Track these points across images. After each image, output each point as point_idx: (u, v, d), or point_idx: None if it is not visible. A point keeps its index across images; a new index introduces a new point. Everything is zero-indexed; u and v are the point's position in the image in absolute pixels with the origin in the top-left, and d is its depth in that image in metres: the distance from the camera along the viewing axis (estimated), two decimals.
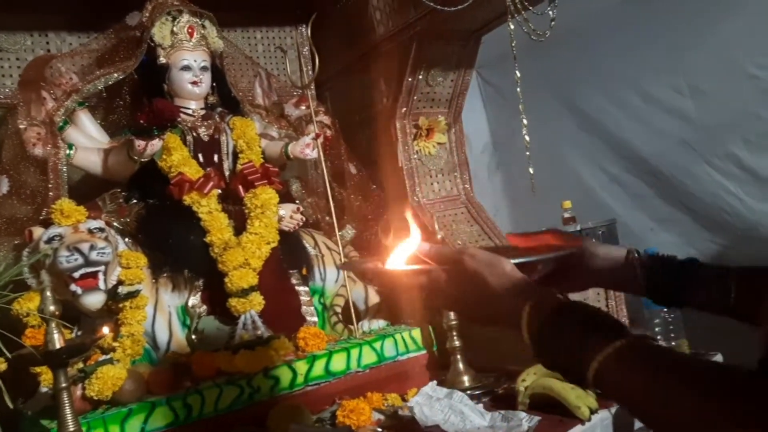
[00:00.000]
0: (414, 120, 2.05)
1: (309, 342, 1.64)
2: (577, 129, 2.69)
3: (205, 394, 1.45)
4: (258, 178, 1.75)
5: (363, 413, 1.50)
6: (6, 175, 1.58)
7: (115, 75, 1.74)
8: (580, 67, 2.65)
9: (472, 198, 2.12)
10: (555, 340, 0.70)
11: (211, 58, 1.89)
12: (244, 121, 1.87)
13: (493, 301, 0.77)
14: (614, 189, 2.59)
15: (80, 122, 1.75)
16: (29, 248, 1.44)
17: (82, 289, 1.40)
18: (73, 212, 1.46)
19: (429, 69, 1.99)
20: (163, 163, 1.69)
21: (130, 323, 1.49)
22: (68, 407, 1.15)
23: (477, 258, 0.79)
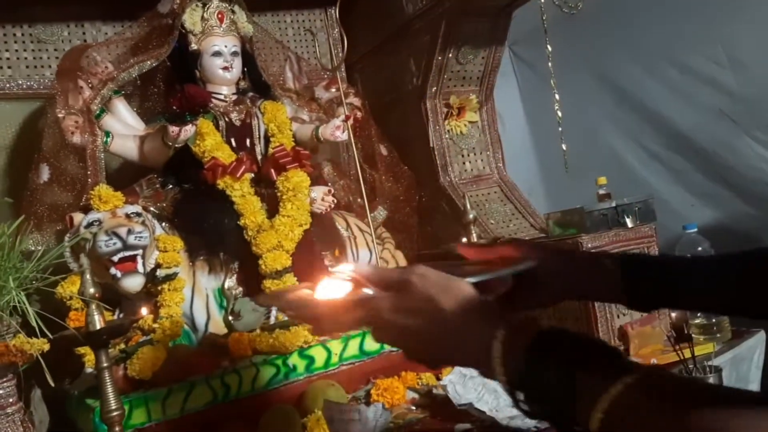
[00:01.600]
0: (445, 99, 2.04)
1: None
2: (612, 104, 2.63)
3: (243, 374, 1.48)
4: (289, 162, 1.76)
5: (397, 392, 1.51)
6: (47, 164, 1.63)
7: (148, 62, 1.77)
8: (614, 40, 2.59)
9: (505, 177, 2.10)
10: (541, 382, 0.57)
11: (242, 43, 1.91)
12: (275, 105, 1.89)
13: (451, 334, 0.63)
14: (652, 164, 2.53)
15: (116, 110, 1.79)
16: (70, 233, 1.48)
17: (121, 272, 1.45)
18: (111, 198, 1.50)
19: (459, 47, 1.97)
20: (196, 149, 1.71)
21: (168, 305, 1.53)
22: (110, 386, 1.18)
23: (429, 279, 0.65)
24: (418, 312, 0.64)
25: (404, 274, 0.66)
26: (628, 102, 2.60)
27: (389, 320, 0.65)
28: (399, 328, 0.65)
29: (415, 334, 0.65)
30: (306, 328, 1.53)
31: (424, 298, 0.64)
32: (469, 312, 0.63)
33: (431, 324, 0.63)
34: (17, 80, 1.90)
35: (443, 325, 0.63)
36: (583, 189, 2.31)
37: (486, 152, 2.10)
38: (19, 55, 1.92)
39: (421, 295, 0.64)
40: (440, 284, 0.64)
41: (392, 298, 0.65)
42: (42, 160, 1.63)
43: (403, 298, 0.65)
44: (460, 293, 0.64)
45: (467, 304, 0.63)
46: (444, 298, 0.63)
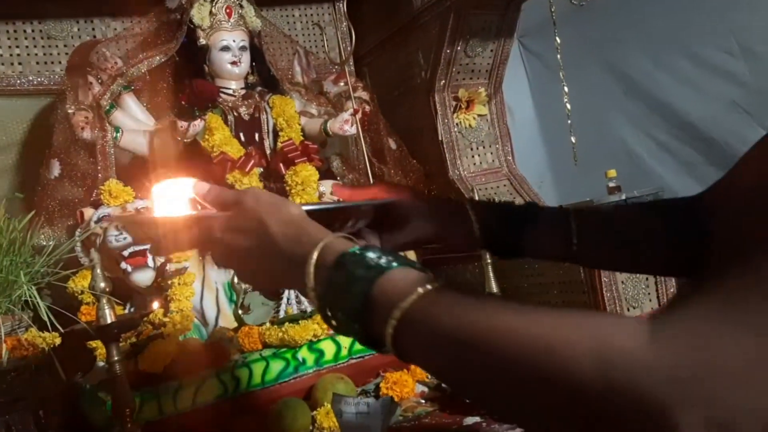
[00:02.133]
0: (453, 92, 2.03)
1: None
2: (622, 95, 2.62)
3: (253, 367, 1.48)
4: (298, 156, 1.77)
5: (406, 385, 1.51)
6: (57, 159, 1.64)
7: (157, 58, 1.78)
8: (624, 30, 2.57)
9: (514, 170, 2.09)
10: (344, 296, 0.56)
11: (250, 37, 1.91)
12: (283, 100, 1.89)
13: (275, 254, 0.63)
14: (663, 156, 2.52)
15: (126, 105, 1.79)
16: (81, 228, 1.50)
17: (131, 266, 1.46)
18: (121, 193, 1.51)
19: (467, 39, 1.96)
20: (205, 143, 1.72)
21: (179, 299, 1.54)
22: (122, 379, 1.19)
23: (261, 200, 0.65)
24: (246, 231, 0.64)
25: (239, 194, 0.67)
26: (638, 93, 2.59)
27: (220, 239, 0.65)
28: (230, 248, 0.65)
29: (244, 254, 0.65)
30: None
31: (254, 218, 0.63)
32: (292, 232, 0.62)
33: (258, 244, 0.63)
34: (28, 76, 1.91)
35: (269, 246, 0.63)
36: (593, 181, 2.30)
37: (495, 145, 2.09)
38: (30, 51, 1.92)
39: (251, 214, 0.64)
40: (271, 205, 0.64)
41: (224, 217, 0.65)
42: (53, 156, 1.64)
43: (235, 217, 0.65)
44: (288, 215, 0.64)
45: (293, 227, 0.63)
46: (272, 219, 0.63)
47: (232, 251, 0.65)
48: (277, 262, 0.63)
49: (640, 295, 1.60)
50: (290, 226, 0.63)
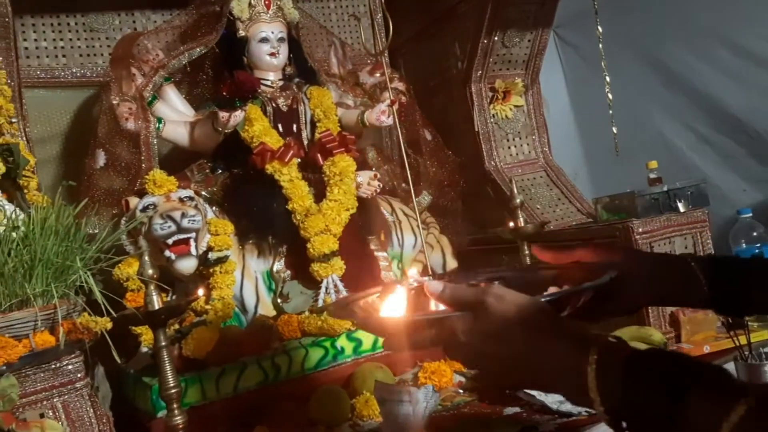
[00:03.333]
0: (490, 83, 2.02)
1: None
2: (661, 86, 2.56)
3: (292, 355, 1.50)
4: (336, 146, 1.78)
5: (445, 375, 1.52)
6: (103, 149, 1.67)
7: (197, 50, 1.80)
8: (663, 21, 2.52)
9: (551, 161, 2.08)
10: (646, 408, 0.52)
11: (288, 29, 1.92)
12: (320, 91, 1.90)
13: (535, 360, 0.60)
14: (702, 148, 2.46)
15: (167, 97, 1.82)
16: (126, 217, 1.53)
17: (175, 254, 1.49)
18: (165, 182, 1.53)
19: (505, 30, 1.95)
20: (245, 134, 1.74)
21: (220, 287, 1.57)
22: (168, 364, 1.22)
23: (505, 301, 0.61)
24: (496, 337, 0.61)
25: (479, 294, 0.63)
26: (676, 84, 2.54)
27: (465, 343, 0.62)
28: (476, 351, 0.63)
29: (493, 358, 0.62)
30: None
31: (502, 322, 0.61)
32: (554, 337, 0.59)
33: (511, 350, 0.60)
34: (71, 68, 1.95)
35: (526, 352, 0.60)
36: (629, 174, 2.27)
37: (532, 136, 2.08)
38: (73, 43, 1.96)
39: (498, 318, 0.61)
40: (518, 306, 0.61)
41: (468, 319, 0.62)
42: (98, 146, 1.67)
43: (480, 320, 0.62)
44: (540, 315, 0.61)
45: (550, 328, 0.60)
46: (523, 322, 0.60)
47: (479, 355, 0.63)
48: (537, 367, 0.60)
49: None
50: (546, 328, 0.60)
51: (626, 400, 0.53)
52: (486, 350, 0.62)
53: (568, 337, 0.59)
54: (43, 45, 1.92)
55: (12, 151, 1.11)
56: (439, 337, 0.64)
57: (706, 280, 0.78)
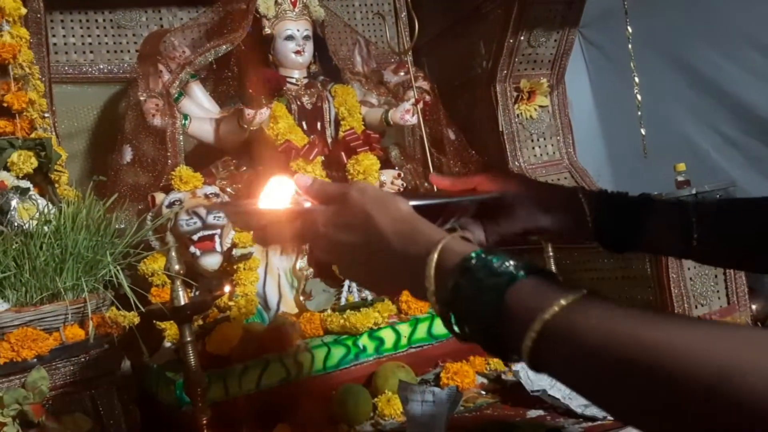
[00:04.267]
0: (515, 83, 2.01)
1: (411, 305, 1.66)
2: (687, 88, 2.54)
3: (315, 353, 1.50)
4: (360, 145, 1.78)
5: (467, 376, 1.51)
6: (129, 145, 1.69)
7: (224, 47, 1.80)
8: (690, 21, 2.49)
9: (575, 162, 2.06)
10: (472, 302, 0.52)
11: (313, 27, 1.93)
12: (345, 89, 1.90)
13: (384, 252, 0.60)
14: (729, 151, 2.43)
15: (193, 93, 1.83)
16: (152, 212, 1.54)
17: (200, 250, 1.49)
18: (191, 178, 1.54)
19: (531, 29, 1.93)
20: (270, 131, 1.75)
21: (244, 284, 1.58)
22: (193, 359, 1.22)
23: (367, 194, 0.62)
24: (352, 227, 0.61)
25: (343, 187, 0.64)
26: (703, 86, 2.51)
27: (324, 234, 0.63)
28: (334, 243, 0.63)
29: (349, 250, 0.62)
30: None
31: (360, 213, 0.61)
32: (404, 230, 0.59)
33: (365, 241, 0.61)
34: (98, 64, 1.97)
35: (378, 243, 0.60)
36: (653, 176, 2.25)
37: (556, 137, 2.06)
38: (101, 40, 1.98)
39: (357, 209, 0.61)
40: (378, 199, 0.61)
41: (329, 211, 0.63)
42: (125, 142, 1.69)
43: (340, 212, 0.63)
44: (398, 210, 0.61)
45: (404, 224, 0.60)
46: (381, 214, 0.60)
47: (336, 246, 0.63)
48: (388, 260, 0.60)
49: (708, 293, 1.56)
50: (401, 222, 0.60)
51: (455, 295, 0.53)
52: (342, 241, 0.62)
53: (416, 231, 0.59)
54: (71, 41, 1.94)
55: (44, 146, 1.12)
56: (303, 228, 0.65)
57: (591, 212, 0.78)
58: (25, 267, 0.96)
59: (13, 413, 0.89)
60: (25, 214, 1.05)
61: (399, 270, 0.60)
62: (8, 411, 0.89)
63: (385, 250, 0.60)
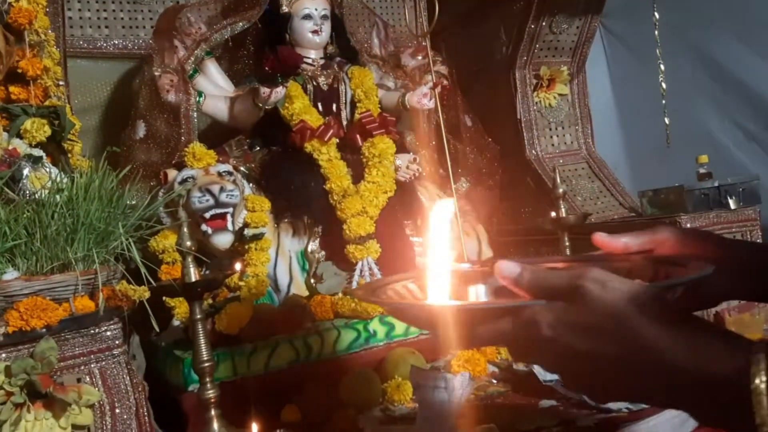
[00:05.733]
0: (535, 70, 1.98)
1: None
2: (709, 80, 2.48)
3: (325, 336, 1.49)
4: (376, 128, 1.75)
5: (478, 364, 1.49)
6: (143, 120, 1.67)
7: (240, 24, 1.78)
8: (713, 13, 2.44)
9: (593, 153, 2.03)
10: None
11: (331, 6, 1.90)
12: (362, 71, 1.88)
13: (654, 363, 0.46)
14: (751, 147, 2.38)
15: (208, 71, 1.81)
16: (165, 189, 1.52)
17: (212, 229, 1.48)
18: (204, 156, 1.52)
19: (553, 15, 1.89)
20: (285, 111, 1.72)
21: (255, 264, 1.56)
22: (203, 337, 1.20)
23: (610, 287, 0.48)
24: (598, 330, 0.48)
25: (574, 279, 0.50)
26: (726, 79, 2.45)
27: (550, 338, 0.50)
28: (566, 350, 0.50)
29: (593, 359, 0.49)
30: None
31: (609, 313, 0.48)
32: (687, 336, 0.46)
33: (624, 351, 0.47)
34: (113, 40, 1.95)
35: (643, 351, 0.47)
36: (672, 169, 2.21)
37: (575, 126, 2.03)
38: (116, 15, 1.96)
39: (603, 307, 0.48)
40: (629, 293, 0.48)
41: (557, 309, 0.50)
42: (138, 117, 1.67)
43: (575, 310, 0.49)
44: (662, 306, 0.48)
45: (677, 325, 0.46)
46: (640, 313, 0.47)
47: (573, 356, 0.50)
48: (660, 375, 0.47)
49: None
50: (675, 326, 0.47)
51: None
52: (582, 348, 0.49)
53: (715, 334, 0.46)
54: (86, 15, 1.92)
55: (58, 114, 1.10)
56: (513, 330, 0.51)
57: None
58: (36, 236, 0.94)
59: (21, 383, 0.88)
60: (37, 183, 1.03)
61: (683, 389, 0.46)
62: (16, 380, 0.87)
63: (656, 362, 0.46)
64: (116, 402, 0.97)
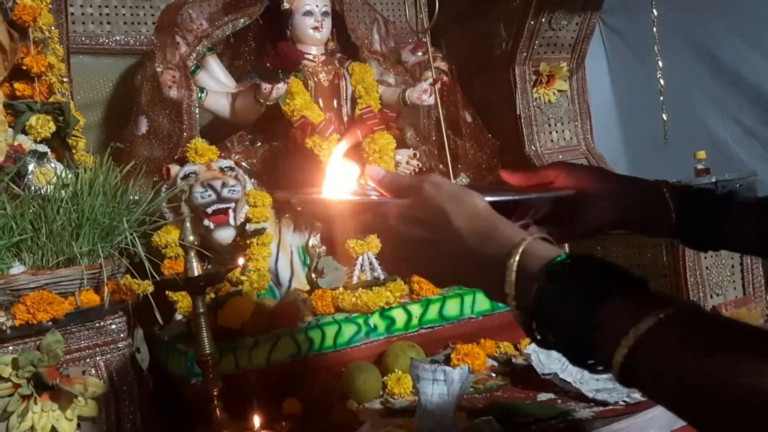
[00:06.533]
0: (534, 66, 1.99)
1: (423, 286, 1.65)
2: (707, 76, 2.49)
3: (326, 330, 1.50)
4: (376, 123, 1.77)
5: (478, 357, 1.51)
6: (145, 116, 1.68)
7: (242, 20, 1.79)
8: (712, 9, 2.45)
9: (593, 149, 2.04)
10: (558, 311, 0.51)
11: (332, 3, 1.90)
12: (362, 67, 1.89)
13: (460, 251, 0.57)
14: (749, 143, 2.39)
15: (210, 67, 1.82)
16: (167, 184, 1.53)
17: (214, 224, 1.49)
18: (207, 151, 1.54)
19: (553, 11, 1.90)
20: (286, 107, 1.73)
21: (256, 259, 1.57)
22: (205, 331, 1.22)
23: (442, 189, 0.59)
24: (425, 223, 0.59)
25: (417, 180, 0.62)
26: (724, 75, 2.47)
27: (395, 227, 0.61)
28: (405, 238, 0.61)
29: (421, 246, 0.60)
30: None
31: (435, 208, 0.58)
32: (481, 228, 0.57)
33: (439, 238, 0.58)
34: (115, 36, 1.95)
35: (452, 241, 0.57)
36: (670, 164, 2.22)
37: (574, 122, 2.04)
38: (118, 11, 1.96)
39: (431, 204, 0.59)
40: (454, 195, 0.59)
41: (400, 204, 0.61)
42: (141, 113, 1.68)
43: (412, 205, 0.60)
44: (474, 207, 0.58)
45: (481, 221, 0.57)
46: (456, 211, 0.58)
47: (407, 241, 0.61)
48: (462, 258, 0.58)
49: (724, 282, 1.55)
50: (477, 219, 0.57)
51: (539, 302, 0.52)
52: (413, 236, 0.59)
53: (496, 230, 0.56)
54: (88, 11, 1.92)
55: (63, 110, 1.12)
56: (373, 221, 0.63)
57: (675, 208, 0.75)
58: (41, 230, 0.96)
59: (28, 375, 0.89)
60: (42, 179, 1.05)
61: (474, 270, 0.57)
62: (23, 372, 0.89)
63: (460, 248, 0.57)
64: (121, 394, 0.98)
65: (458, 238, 0.57)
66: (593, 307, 0.49)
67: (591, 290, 0.50)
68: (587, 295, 0.49)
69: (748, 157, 2.39)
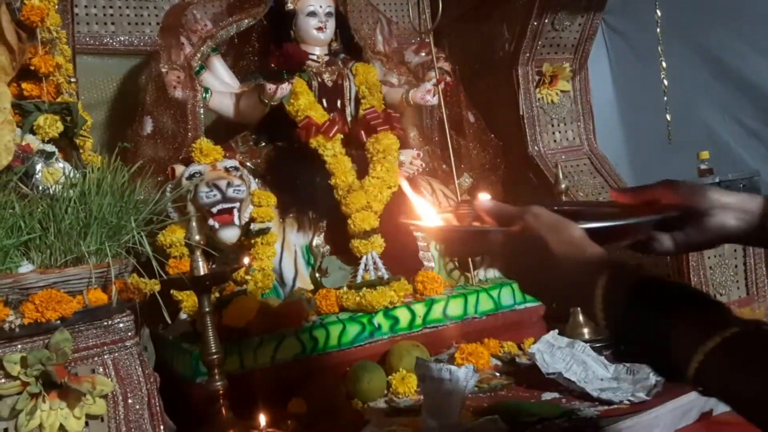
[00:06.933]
0: (537, 66, 1.99)
1: (427, 286, 1.66)
2: (710, 77, 2.49)
3: (330, 329, 1.50)
4: (380, 124, 1.77)
5: (482, 357, 1.51)
6: (150, 116, 1.68)
7: (246, 21, 1.80)
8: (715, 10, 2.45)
9: (595, 149, 2.04)
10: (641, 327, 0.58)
11: (336, 4, 1.91)
12: (366, 67, 1.89)
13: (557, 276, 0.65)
14: (752, 143, 2.40)
15: (214, 67, 1.83)
16: (172, 184, 1.54)
17: (219, 223, 1.50)
18: (211, 151, 1.54)
19: (556, 12, 1.91)
20: (290, 107, 1.74)
21: (261, 258, 1.58)
22: (211, 330, 1.23)
23: (540, 219, 0.66)
24: (528, 252, 0.67)
25: (519, 211, 0.68)
26: (727, 76, 2.47)
27: (502, 254, 0.69)
28: (512, 263, 0.70)
29: (525, 270, 0.69)
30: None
31: (534, 237, 0.66)
32: (574, 255, 0.64)
33: (539, 264, 0.66)
34: (119, 36, 1.96)
35: (550, 267, 0.65)
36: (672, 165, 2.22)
37: (577, 123, 2.05)
38: (122, 12, 1.97)
39: (531, 233, 0.66)
40: (550, 225, 0.66)
41: (505, 233, 0.68)
42: (146, 113, 1.69)
43: (516, 235, 0.67)
44: (569, 236, 0.65)
45: (573, 248, 0.64)
46: (553, 240, 0.65)
47: (513, 266, 0.70)
48: (559, 282, 0.66)
49: (728, 282, 1.55)
50: (570, 246, 0.65)
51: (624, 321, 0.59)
52: (518, 262, 0.69)
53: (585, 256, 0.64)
54: (93, 12, 1.93)
55: (70, 110, 1.12)
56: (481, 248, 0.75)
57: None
58: (50, 230, 0.96)
59: (37, 373, 0.90)
60: (50, 178, 1.05)
61: (570, 292, 0.66)
62: (32, 371, 0.89)
63: (557, 273, 0.65)
64: (129, 392, 0.98)
65: (554, 265, 0.65)
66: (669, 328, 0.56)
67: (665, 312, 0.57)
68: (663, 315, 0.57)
69: (751, 157, 2.39)
